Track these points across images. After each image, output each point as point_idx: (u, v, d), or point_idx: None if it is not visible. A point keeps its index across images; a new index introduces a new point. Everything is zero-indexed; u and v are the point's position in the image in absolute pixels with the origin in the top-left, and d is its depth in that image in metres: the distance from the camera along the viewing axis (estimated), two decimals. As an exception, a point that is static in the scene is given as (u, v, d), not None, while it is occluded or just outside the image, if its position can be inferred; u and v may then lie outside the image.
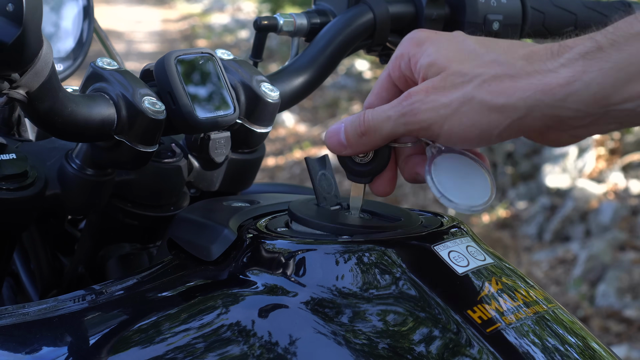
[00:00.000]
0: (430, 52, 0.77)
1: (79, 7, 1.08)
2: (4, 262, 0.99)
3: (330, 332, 0.74)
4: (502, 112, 0.73)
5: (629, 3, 1.19)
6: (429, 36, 0.78)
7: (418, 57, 0.77)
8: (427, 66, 0.76)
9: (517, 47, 0.75)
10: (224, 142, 0.93)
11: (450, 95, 0.74)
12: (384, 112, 0.78)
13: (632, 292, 3.45)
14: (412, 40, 0.79)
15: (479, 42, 0.77)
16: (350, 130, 0.80)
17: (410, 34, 0.80)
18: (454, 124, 0.74)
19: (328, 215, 0.84)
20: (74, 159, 0.91)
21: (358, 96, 6.68)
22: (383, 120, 0.78)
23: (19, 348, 0.78)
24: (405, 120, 0.76)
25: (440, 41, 0.77)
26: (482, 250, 0.82)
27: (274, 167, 5.64)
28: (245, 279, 0.80)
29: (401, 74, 0.80)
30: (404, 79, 0.80)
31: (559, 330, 0.79)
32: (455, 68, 0.75)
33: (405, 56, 0.79)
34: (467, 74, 0.74)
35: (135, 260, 1.06)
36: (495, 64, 0.74)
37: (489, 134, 0.74)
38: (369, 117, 0.78)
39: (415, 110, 0.76)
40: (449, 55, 0.76)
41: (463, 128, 0.74)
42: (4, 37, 0.70)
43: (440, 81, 0.75)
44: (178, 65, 0.88)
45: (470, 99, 0.74)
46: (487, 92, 0.73)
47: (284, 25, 1.05)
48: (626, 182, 4.19)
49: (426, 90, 0.75)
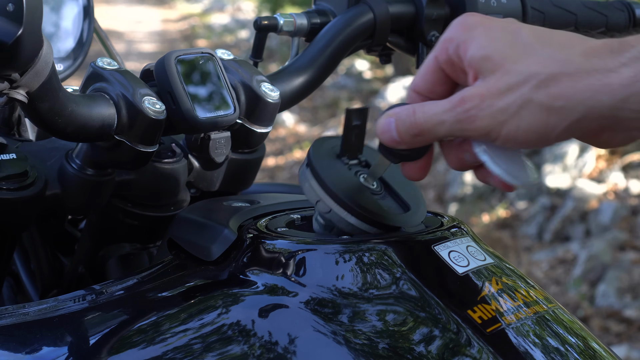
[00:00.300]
0: (483, 42, 0.73)
1: (79, 7, 1.08)
2: (4, 262, 0.99)
3: (330, 332, 0.74)
4: (561, 115, 0.71)
5: (629, 3, 1.19)
6: (481, 22, 0.75)
7: (468, 44, 0.74)
8: (480, 60, 0.73)
9: (575, 41, 0.72)
10: (224, 142, 0.93)
11: (506, 99, 0.72)
12: (437, 115, 0.74)
13: (632, 292, 3.45)
14: (463, 25, 0.75)
15: (534, 34, 0.73)
16: (402, 128, 0.76)
17: (460, 17, 0.76)
18: (512, 128, 0.72)
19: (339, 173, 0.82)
20: (74, 159, 0.91)
21: (358, 96, 6.68)
22: (437, 124, 0.74)
23: (19, 348, 0.78)
24: (462, 127, 0.73)
25: (493, 30, 0.74)
26: (482, 250, 0.82)
27: (274, 167, 5.64)
28: (245, 279, 0.80)
29: (448, 58, 0.76)
30: (451, 64, 0.76)
31: (559, 330, 0.79)
32: (511, 67, 0.72)
33: (454, 40, 0.75)
34: (523, 72, 0.71)
35: (135, 260, 1.06)
36: (552, 60, 0.71)
37: (547, 136, 0.72)
38: (420, 119, 0.75)
39: (471, 117, 0.73)
40: (504, 50, 0.72)
41: (521, 132, 0.72)
42: (4, 37, 0.70)
43: (495, 83, 0.72)
44: (178, 65, 0.88)
45: (527, 102, 0.71)
46: (545, 94, 0.71)
47: (284, 25, 1.05)
48: (626, 182, 4.19)
49: (481, 96, 0.72)
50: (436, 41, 1.08)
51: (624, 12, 1.18)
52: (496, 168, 0.75)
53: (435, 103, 0.75)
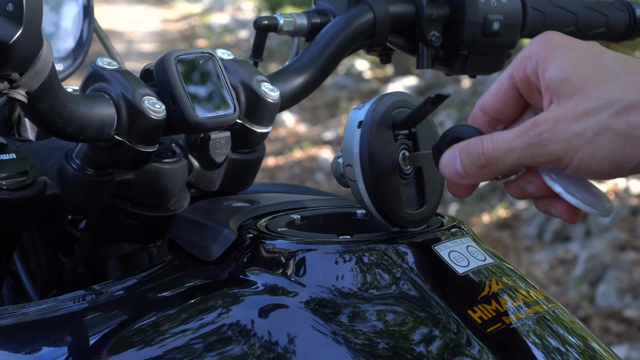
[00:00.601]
0: (563, 63, 0.71)
1: (79, 6, 1.08)
2: (4, 262, 0.99)
3: (330, 332, 0.73)
4: (639, 145, 0.68)
5: (629, 3, 1.19)
6: (563, 41, 0.72)
7: (548, 64, 0.71)
8: (559, 81, 0.70)
9: None
10: (224, 142, 0.93)
11: (583, 124, 0.68)
12: (506, 142, 0.71)
13: (632, 292, 3.45)
14: (544, 43, 0.72)
15: (618, 59, 0.71)
16: (468, 161, 0.73)
17: (542, 35, 0.73)
18: (585, 155, 0.69)
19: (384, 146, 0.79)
20: (74, 159, 0.91)
21: (358, 96, 6.68)
22: (506, 152, 0.71)
23: (19, 348, 0.78)
24: (533, 152, 0.70)
25: (576, 51, 0.71)
26: (482, 250, 0.82)
27: (274, 167, 5.64)
28: (245, 279, 0.80)
29: (525, 77, 0.73)
30: (527, 82, 0.74)
31: (560, 331, 0.79)
32: (591, 91, 0.69)
33: (533, 58, 0.72)
34: (604, 98, 0.68)
35: (135, 260, 1.06)
36: (636, 88, 0.68)
37: (622, 167, 0.69)
38: (489, 148, 0.72)
39: (544, 141, 0.69)
40: (585, 73, 0.70)
41: (595, 160, 0.69)
42: (4, 37, 0.70)
43: (572, 107, 0.69)
44: (178, 65, 0.88)
45: (605, 129, 0.68)
46: (624, 122, 0.68)
47: (284, 25, 1.05)
48: (626, 182, 4.19)
49: (556, 119, 0.69)
50: (436, 41, 1.08)
51: (625, 12, 1.18)
52: (572, 198, 0.72)
53: (505, 132, 0.72)
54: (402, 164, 0.81)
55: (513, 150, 0.71)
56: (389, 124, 0.80)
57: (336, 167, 0.83)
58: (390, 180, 0.80)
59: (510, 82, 0.75)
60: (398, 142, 0.81)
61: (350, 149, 0.79)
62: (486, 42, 1.09)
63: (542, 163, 0.71)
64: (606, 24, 1.17)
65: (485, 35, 1.08)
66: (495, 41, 1.09)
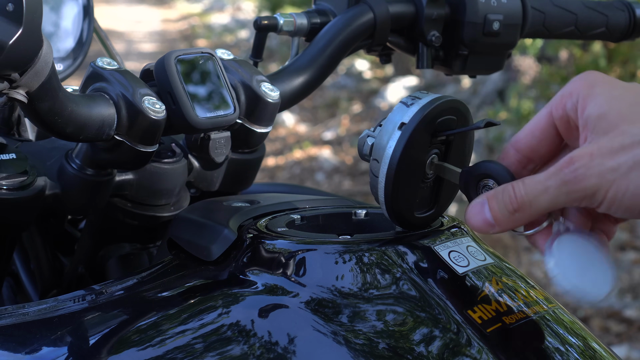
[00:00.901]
0: (602, 101, 0.71)
1: (79, 6, 1.08)
2: (4, 262, 0.99)
3: (330, 332, 0.74)
4: None
5: (629, 3, 1.19)
6: (604, 80, 0.72)
7: (587, 102, 0.71)
8: (596, 118, 0.70)
9: None
10: (224, 142, 0.93)
11: (618, 159, 0.68)
12: (540, 183, 0.71)
13: (632, 292, 3.45)
14: (585, 81, 0.73)
15: None
16: (497, 206, 0.72)
17: (583, 73, 0.74)
18: (620, 190, 0.68)
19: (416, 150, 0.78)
20: (74, 159, 0.91)
21: (358, 96, 6.68)
22: (540, 193, 0.70)
23: (19, 348, 0.78)
24: (568, 189, 0.70)
25: (615, 89, 0.72)
26: (482, 250, 0.82)
27: (274, 167, 5.64)
28: (245, 279, 0.80)
29: (564, 114, 0.73)
30: (566, 120, 0.74)
31: (560, 331, 0.79)
32: (626, 127, 0.69)
33: (574, 95, 0.72)
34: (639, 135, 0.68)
35: (135, 260, 1.06)
36: None
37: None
38: (521, 191, 0.71)
39: (579, 177, 0.69)
40: (622, 110, 0.70)
41: (629, 196, 0.68)
42: (4, 37, 0.70)
43: (607, 142, 0.69)
44: (178, 65, 0.88)
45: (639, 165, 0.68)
46: None
47: (284, 25, 1.05)
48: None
49: (591, 154, 0.69)
50: (436, 41, 1.08)
51: (625, 12, 1.18)
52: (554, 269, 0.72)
53: (536, 175, 0.72)
54: (427, 168, 0.80)
55: (547, 190, 0.70)
56: (430, 130, 0.78)
57: (363, 144, 0.81)
58: (410, 183, 0.79)
59: (549, 119, 0.74)
60: (432, 146, 0.80)
61: (383, 146, 0.78)
62: (486, 42, 1.09)
63: (577, 200, 0.70)
64: (606, 24, 1.17)
65: (485, 35, 1.08)
66: (495, 41, 1.09)
